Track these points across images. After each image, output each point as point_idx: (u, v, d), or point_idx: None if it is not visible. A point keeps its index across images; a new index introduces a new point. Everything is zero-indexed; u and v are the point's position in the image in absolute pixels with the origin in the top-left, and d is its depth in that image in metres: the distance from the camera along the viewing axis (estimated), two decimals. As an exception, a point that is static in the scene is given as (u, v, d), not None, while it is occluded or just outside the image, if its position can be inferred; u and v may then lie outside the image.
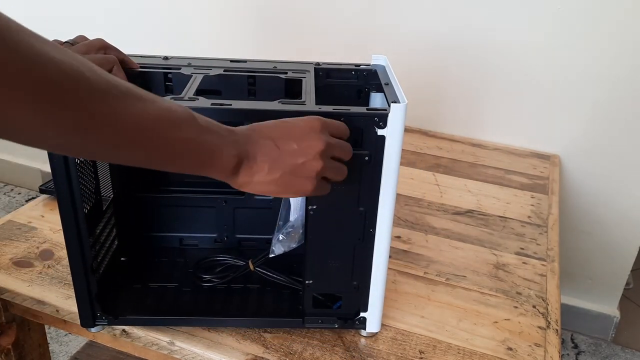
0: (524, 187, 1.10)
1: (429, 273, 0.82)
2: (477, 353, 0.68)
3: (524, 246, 0.90)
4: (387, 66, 0.69)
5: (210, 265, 0.75)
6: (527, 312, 0.75)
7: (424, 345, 0.68)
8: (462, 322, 0.73)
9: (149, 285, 0.72)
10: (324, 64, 0.71)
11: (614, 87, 1.20)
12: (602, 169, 1.27)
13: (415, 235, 0.91)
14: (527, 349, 0.69)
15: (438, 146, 1.27)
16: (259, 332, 0.68)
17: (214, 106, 0.56)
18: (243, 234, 0.79)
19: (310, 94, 0.61)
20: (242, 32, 1.47)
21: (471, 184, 1.10)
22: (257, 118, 0.53)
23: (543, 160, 1.24)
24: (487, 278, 0.82)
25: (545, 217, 1.00)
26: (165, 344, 0.67)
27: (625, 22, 1.14)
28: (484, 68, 1.28)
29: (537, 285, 0.81)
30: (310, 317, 0.66)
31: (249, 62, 0.70)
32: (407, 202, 1.01)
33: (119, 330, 0.68)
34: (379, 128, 0.57)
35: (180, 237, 0.79)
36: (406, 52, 1.32)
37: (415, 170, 1.14)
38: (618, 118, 1.22)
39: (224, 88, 0.67)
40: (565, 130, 1.27)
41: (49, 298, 0.72)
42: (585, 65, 1.20)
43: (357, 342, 0.68)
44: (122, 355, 1.07)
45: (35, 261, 0.78)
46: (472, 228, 0.95)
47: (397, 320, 0.72)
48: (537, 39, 1.21)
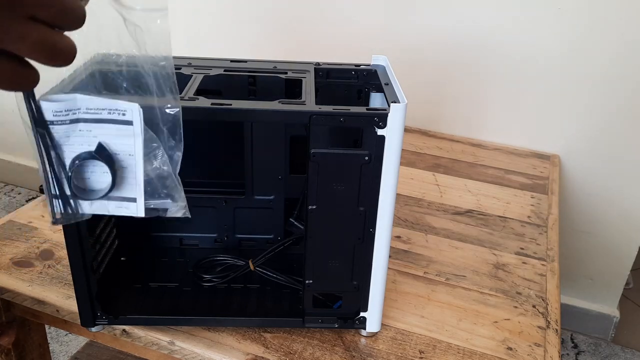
0: (524, 187, 1.11)
1: (428, 273, 0.82)
2: (477, 353, 0.68)
3: (523, 246, 0.91)
4: (387, 66, 0.70)
5: (210, 265, 0.75)
6: (527, 312, 0.75)
7: (423, 345, 0.68)
8: (462, 322, 0.73)
9: (149, 285, 0.72)
10: (324, 64, 0.71)
11: (614, 87, 1.20)
12: (602, 169, 1.27)
13: (415, 235, 0.91)
14: (527, 349, 0.69)
15: (438, 146, 1.27)
16: (259, 332, 0.68)
17: (214, 106, 0.56)
18: (243, 234, 0.79)
19: (310, 94, 0.61)
20: (242, 32, 1.47)
21: (471, 183, 1.10)
22: (257, 118, 0.53)
23: (543, 160, 1.24)
24: (487, 278, 0.82)
25: (545, 217, 1.00)
26: (166, 344, 0.67)
27: (625, 22, 1.14)
28: (484, 68, 1.28)
29: (537, 285, 0.81)
30: (310, 316, 0.66)
31: (249, 62, 0.70)
32: (407, 202, 1.01)
33: (119, 330, 0.68)
34: (379, 128, 0.57)
35: (180, 237, 0.79)
36: (406, 52, 1.32)
37: (415, 170, 1.14)
38: (618, 118, 1.22)
39: (224, 88, 0.67)
40: (565, 130, 1.27)
41: (49, 298, 0.72)
42: (585, 65, 1.20)
43: (357, 342, 0.68)
44: (122, 355, 1.07)
45: (36, 261, 0.79)
46: (472, 228, 0.95)
47: (397, 320, 0.72)
48: (537, 39, 1.21)
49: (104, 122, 0.49)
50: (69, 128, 0.49)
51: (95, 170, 0.50)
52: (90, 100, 0.49)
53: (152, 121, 0.50)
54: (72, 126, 0.49)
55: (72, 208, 0.50)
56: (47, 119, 0.48)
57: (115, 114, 0.49)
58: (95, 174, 0.50)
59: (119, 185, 0.51)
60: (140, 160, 0.50)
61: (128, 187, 0.51)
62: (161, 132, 0.51)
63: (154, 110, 0.50)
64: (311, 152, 0.58)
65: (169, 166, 0.52)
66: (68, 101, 0.48)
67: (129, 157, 0.50)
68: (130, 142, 0.50)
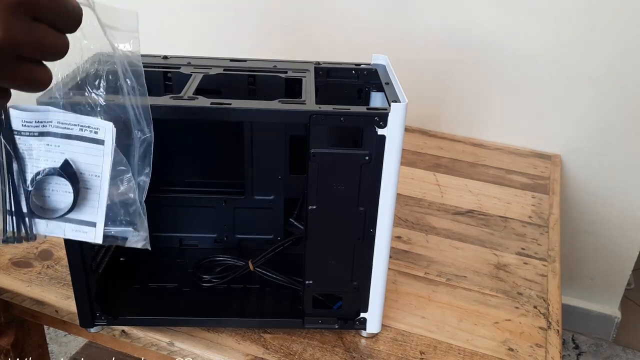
0: (524, 187, 1.10)
1: (429, 273, 0.82)
2: (478, 354, 0.68)
3: (524, 246, 0.90)
4: (388, 65, 0.69)
5: (210, 265, 0.75)
6: (528, 312, 0.75)
7: (424, 345, 0.68)
8: (462, 322, 0.72)
9: (149, 285, 0.72)
10: (324, 63, 0.71)
11: (614, 86, 1.19)
12: (603, 169, 1.27)
13: (415, 236, 0.91)
14: (528, 350, 0.69)
15: (438, 146, 1.27)
16: (259, 333, 0.67)
17: (213, 105, 0.56)
18: (243, 234, 0.79)
19: (310, 93, 0.61)
20: (242, 31, 1.47)
21: (472, 183, 1.10)
22: (257, 118, 0.53)
23: (544, 160, 1.24)
24: (488, 278, 0.82)
25: (546, 217, 1.00)
26: (165, 345, 0.66)
27: (625, 22, 1.14)
28: (484, 68, 1.28)
29: (538, 285, 0.81)
30: (310, 317, 0.66)
31: (248, 61, 0.70)
32: (407, 202, 1.01)
33: (119, 331, 0.68)
34: (379, 128, 0.56)
35: (180, 237, 0.79)
36: (407, 52, 1.31)
37: (415, 170, 1.14)
38: (619, 118, 1.22)
39: (223, 87, 0.67)
40: (566, 130, 1.27)
41: (48, 298, 0.72)
42: (585, 65, 1.20)
43: (358, 343, 0.67)
44: (121, 355, 1.06)
45: (35, 261, 0.78)
46: (473, 228, 0.94)
47: (398, 321, 0.72)
48: (538, 39, 1.21)
49: (74, 138, 0.47)
50: (36, 141, 0.47)
51: (56, 189, 0.48)
52: (62, 114, 0.47)
53: (123, 143, 0.48)
54: (40, 139, 0.47)
55: (26, 227, 0.48)
56: (15, 128, 0.46)
57: (87, 131, 0.47)
58: (56, 193, 0.48)
59: (80, 207, 0.48)
60: (106, 182, 0.48)
61: (89, 209, 0.49)
62: (132, 156, 0.49)
63: (126, 131, 0.47)
64: (311, 152, 0.57)
65: (135, 193, 0.50)
66: (39, 112, 0.46)
67: (95, 177, 0.48)
68: (98, 162, 0.48)
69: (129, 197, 0.50)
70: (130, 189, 0.49)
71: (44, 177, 0.47)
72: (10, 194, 0.47)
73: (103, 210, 0.49)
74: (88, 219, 0.49)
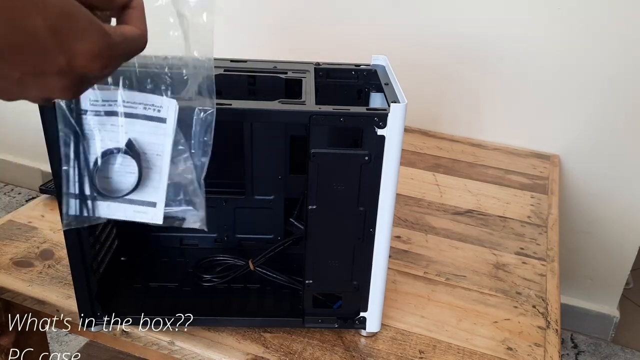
0: (523, 187, 1.10)
1: (428, 273, 0.82)
2: (477, 353, 0.68)
3: (523, 246, 0.91)
4: (387, 66, 0.70)
5: (210, 265, 0.75)
6: (527, 312, 0.75)
7: (423, 345, 0.68)
8: (462, 322, 0.73)
9: (149, 285, 0.72)
10: (324, 64, 0.71)
11: (613, 86, 1.20)
12: (602, 169, 1.27)
13: (415, 235, 0.91)
14: (527, 349, 0.69)
15: (438, 146, 1.27)
16: (259, 332, 0.68)
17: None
18: (243, 234, 0.79)
19: (310, 94, 0.61)
20: (242, 32, 1.47)
21: (471, 184, 1.10)
22: (257, 118, 0.53)
23: (543, 160, 1.24)
24: (487, 278, 0.82)
25: (545, 217, 1.00)
26: (166, 344, 0.67)
27: (625, 22, 1.14)
28: (484, 68, 1.28)
29: (536, 285, 0.81)
30: (310, 316, 0.66)
31: (249, 62, 0.70)
32: (407, 202, 1.01)
33: (119, 330, 0.68)
34: (379, 128, 0.57)
35: (180, 237, 0.79)
36: (406, 52, 1.32)
37: (415, 170, 1.14)
38: (618, 118, 1.22)
39: (224, 88, 0.67)
40: (565, 130, 1.27)
41: (49, 298, 0.72)
42: (585, 65, 1.20)
43: (357, 342, 0.68)
44: (122, 355, 1.07)
45: (36, 261, 0.79)
46: (472, 228, 0.95)
47: (397, 320, 0.72)
48: (537, 39, 1.21)
49: (138, 117, 0.47)
50: (102, 120, 0.46)
51: (120, 169, 0.47)
52: (129, 93, 0.46)
53: (185, 122, 0.48)
54: (106, 119, 0.46)
55: (88, 210, 0.48)
56: (83, 107, 0.45)
57: (151, 110, 0.47)
58: (119, 173, 0.47)
59: (141, 187, 0.48)
60: (167, 160, 0.48)
61: (150, 189, 0.48)
62: (191, 136, 0.48)
63: (188, 110, 0.47)
64: (311, 152, 0.58)
65: (193, 173, 0.49)
66: (107, 91, 0.46)
67: (157, 157, 0.48)
68: (160, 142, 0.47)
69: (187, 177, 0.49)
70: (188, 169, 0.48)
71: (109, 156, 0.46)
72: (75, 175, 0.46)
73: (164, 190, 0.48)
74: (149, 199, 0.49)
